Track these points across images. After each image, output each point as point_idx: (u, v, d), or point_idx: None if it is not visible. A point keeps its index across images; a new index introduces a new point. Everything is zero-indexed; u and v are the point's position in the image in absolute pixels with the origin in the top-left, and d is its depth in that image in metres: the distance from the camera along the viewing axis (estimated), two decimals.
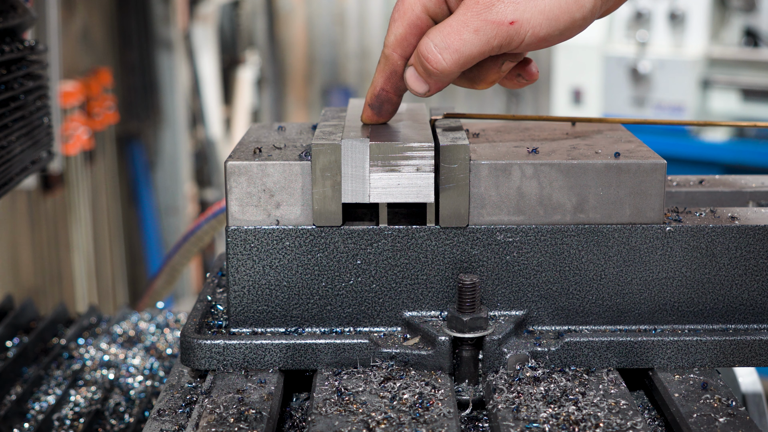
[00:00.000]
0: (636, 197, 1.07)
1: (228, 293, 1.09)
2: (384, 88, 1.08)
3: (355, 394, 0.99)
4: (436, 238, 1.07)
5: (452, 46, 0.99)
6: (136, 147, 5.17)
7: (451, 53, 1.00)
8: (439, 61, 1.00)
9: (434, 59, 1.00)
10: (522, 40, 1.00)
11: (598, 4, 1.00)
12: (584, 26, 1.01)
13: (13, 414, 1.36)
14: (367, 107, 1.11)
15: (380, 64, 1.07)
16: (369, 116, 1.11)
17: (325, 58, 7.31)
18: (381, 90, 1.08)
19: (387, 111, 1.11)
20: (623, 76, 4.75)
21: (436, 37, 1.00)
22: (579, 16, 1.00)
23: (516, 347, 1.05)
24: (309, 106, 7.42)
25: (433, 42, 1.00)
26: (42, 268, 4.27)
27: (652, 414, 1.05)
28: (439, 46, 1.00)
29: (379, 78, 1.07)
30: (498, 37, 0.99)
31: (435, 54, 1.00)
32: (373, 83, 1.09)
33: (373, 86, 1.09)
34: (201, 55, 5.63)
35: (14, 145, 1.48)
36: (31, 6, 1.63)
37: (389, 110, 1.11)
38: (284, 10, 7.25)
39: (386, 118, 1.12)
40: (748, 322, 1.11)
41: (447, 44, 1.00)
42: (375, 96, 1.09)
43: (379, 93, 1.09)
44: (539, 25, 0.99)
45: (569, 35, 1.01)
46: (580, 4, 0.99)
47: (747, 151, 4.60)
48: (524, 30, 0.99)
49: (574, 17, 0.99)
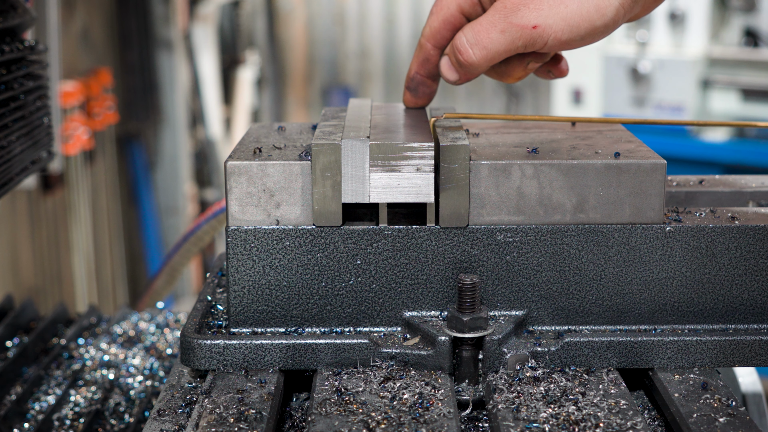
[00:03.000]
0: (636, 197, 1.07)
1: (228, 293, 1.09)
2: (418, 72, 1.20)
3: (355, 394, 0.99)
4: (436, 238, 1.07)
5: (481, 43, 1.09)
6: (136, 147, 5.17)
7: (480, 49, 1.09)
8: (470, 55, 1.10)
9: (465, 53, 1.10)
10: (545, 43, 1.08)
11: (621, 13, 1.07)
12: (607, 33, 1.09)
13: (13, 414, 1.36)
14: (405, 90, 1.23)
15: (416, 51, 1.19)
16: (408, 98, 1.23)
17: (325, 58, 7.31)
18: (415, 74, 1.20)
19: (423, 93, 1.22)
20: (623, 76, 4.75)
21: (469, 33, 1.10)
22: (600, 24, 1.07)
23: (516, 347, 1.05)
24: (309, 106, 7.42)
25: (466, 37, 1.10)
26: (42, 268, 4.27)
27: (652, 414, 1.05)
28: (470, 41, 1.10)
29: (414, 63, 1.20)
30: (522, 39, 1.08)
31: (467, 48, 1.10)
32: (409, 68, 1.21)
33: (409, 71, 1.21)
34: (201, 55, 5.62)
35: (14, 145, 1.48)
36: (31, 6, 1.63)
37: (426, 92, 1.22)
38: (284, 10, 7.25)
39: (424, 101, 1.23)
40: (748, 322, 1.11)
41: (477, 40, 1.09)
42: (411, 79, 1.21)
43: (413, 76, 1.21)
44: (561, 31, 1.07)
45: (592, 40, 1.09)
46: (601, 13, 1.06)
47: (747, 151, 4.60)
48: (546, 34, 1.07)
49: (595, 25, 1.07)
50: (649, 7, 1.10)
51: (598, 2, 1.06)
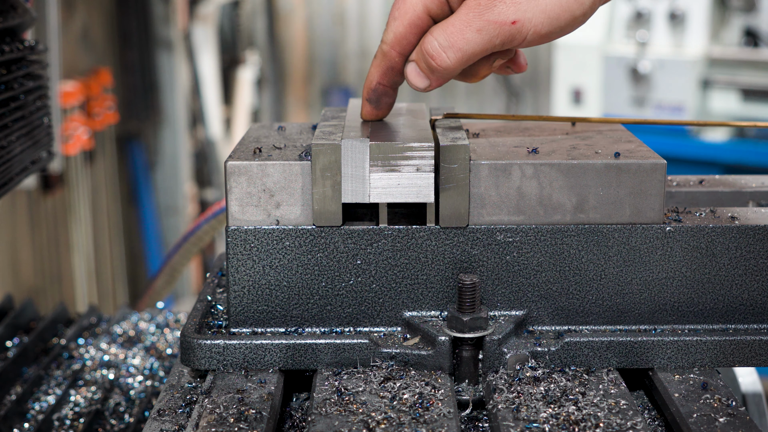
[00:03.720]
0: (636, 197, 1.07)
1: (228, 293, 1.09)
2: (380, 82, 1.11)
3: (355, 394, 0.99)
4: (436, 238, 1.07)
5: (456, 45, 1.02)
6: (136, 147, 5.17)
7: (455, 52, 1.03)
8: (444, 59, 1.03)
9: (439, 57, 1.03)
10: (524, 38, 1.02)
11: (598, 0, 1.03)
12: (584, 21, 1.04)
13: (13, 414, 1.36)
14: (365, 102, 1.13)
15: (377, 59, 1.09)
16: (368, 111, 1.14)
17: (325, 58, 7.31)
18: (377, 84, 1.11)
19: (385, 104, 1.13)
20: (623, 76, 4.75)
21: (440, 36, 1.03)
22: (579, 13, 1.02)
23: (516, 347, 1.05)
24: (309, 106, 7.42)
25: (438, 41, 1.03)
26: (42, 268, 4.27)
27: (652, 414, 1.05)
28: (443, 45, 1.03)
29: (376, 72, 1.10)
30: (500, 36, 1.02)
31: (440, 52, 1.03)
32: (369, 78, 1.11)
33: (369, 81, 1.11)
34: (201, 55, 5.62)
35: (14, 145, 1.48)
36: (31, 6, 1.63)
37: (387, 103, 1.13)
38: (284, 10, 7.25)
39: (385, 112, 1.14)
40: (748, 322, 1.11)
41: (451, 43, 1.02)
42: (372, 90, 1.12)
43: (375, 87, 1.11)
44: (540, 24, 1.01)
45: (570, 30, 1.04)
46: (580, 2, 1.02)
47: (747, 151, 4.60)
48: (526, 29, 1.01)
49: (575, 14, 1.02)
50: None
51: None
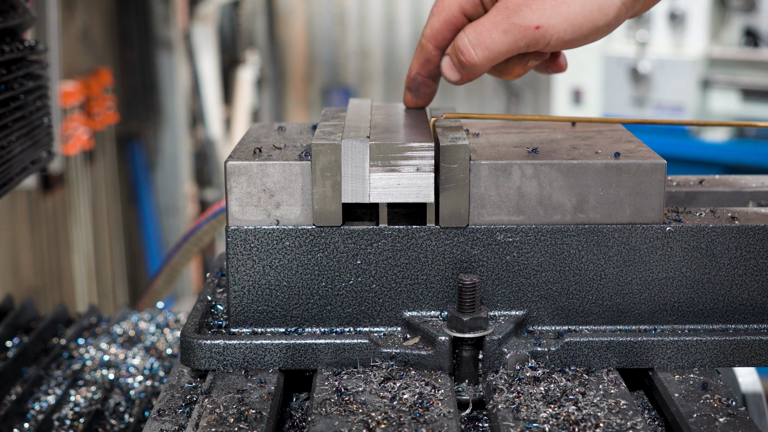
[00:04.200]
0: (636, 197, 1.07)
1: (228, 293, 1.09)
2: (419, 73, 1.19)
3: (355, 394, 0.99)
4: (436, 238, 1.07)
5: (483, 44, 1.08)
6: (136, 147, 5.17)
7: (482, 50, 1.09)
8: (472, 55, 1.10)
9: (468, 53, 1.10)
10: (548, 43, 1.07)
11: (623, 11, 1.07)
12: (609, 31, 1.09)
13: (13, 414, 1.36)
14: (406, 91, 1.22)
15: (417, 52, 1.18)
16: (409, 99, 1.22)
17: (325, 58, 7.31)
18: (416, 74, 1.19)
19: (425, 93, 1.21)
20: (623, 76, 4.75)
21: (471, 34, 1.10)
22: (602, 23, 1.07)
23: (516, 347, 1.05)
24: (309, 106, 7.42)
25: (468, 38, 1.10)
26: (42, 268, 4.27)
27: (652, 414, 1.05)
28: (472, 42, 1.09)
29: (415, 64, 1.19)
30: (525, 39, 1.07)
31: (469, 49, 1.10)
32: (410, 69, 1.20)
33: (410, 71, 1.20)
34: (201, 55, 5.62)
35: (14, 145, 1.48)
36: (31, 6, 1.63)
37: (427, 93, 1.21)
38: (284, 10, 7.25)
39: (425, 101, 1.22)
40: (748, 322, 1.11)
41: (479, 41, 1.09)
42: (411, 80, 1.20)
43: (414, 77, 1.20)
44: (563, 31, 1.06)
45: (594, 39, 1.09)
46: (603, 13, 1.06)
47: (747, 151, 4.60)
48: (549, 34, 1.07)
49: (598, 24, 1.07)
50: (649, 4, 1.10)
51: (601, 2, 1.06)
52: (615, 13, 1.06)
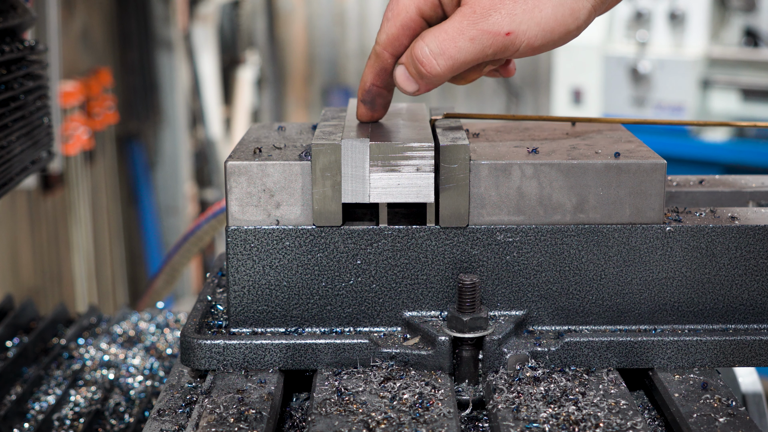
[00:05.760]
0: (636, 197, 1.07)
1: (228, 293, 1.09)
2: (374, 84, 1.10)
3: (355, 394, 0.99)
4: (436, 238, 1.07)
5: (447, 53, 1.01)
6: (136, 147, 5.17)
7: (446, 59, 1.01)
8: (434, 66, 1.02)
9: (429, 64, 1.02)
10: (517, 50, 1.01)
11: (592, 13, 1.02)
12: (577, 34, 1.03)
13: (13, 414, 1.36)
14: (360, 104, 1.12)
15: (370, 60, 1.08)
16: (363, 112, 1.12)
17: (325, 58, 7.31)
18: (371, 85, 1.10)
19: (380, 105, 1.12)
20: (623, 76, 4.75)
21: (432, 42, 1.01)
22: (574, 27, 1.01)
23: (516, 347, 1.05)
24: (309, 106, 7.42)
25: (429, 47, 1.01)
26: (42, 268, 4.27)
27: (652, 414, 1.05)
28: (434, 51, 1.01)
29: (369, 74, 1.09)
30: (493, 47, 1.00)
31: (430, 59, 1.01)
32: (363, 79, 1.10)
33: (363, 82, 1.10)
34: (201, 55, 5.62)
35: (14, 145, 1.48)
36: (31, 6, 1.63)
37: (382, 104, 1.12)
38: (284, 10, 7.25)
39: (380, 113, 1.13)
40: (748, 322, 1.11)
41: (442, 50, 1.01)
42: (366, 91, 1.11)
43: (369, 88, 1.10)
44: (534, 36, 1.00)
45: (562, 43, 1.03)
46: (575, 16, 1.01)
47: (747, 151, 4.60)
48: (519, 41, 1.00)
49: (569, 28, 1.01)
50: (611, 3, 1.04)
51: (573, 5, 1.00)
52: (585, 16, 1.01)
